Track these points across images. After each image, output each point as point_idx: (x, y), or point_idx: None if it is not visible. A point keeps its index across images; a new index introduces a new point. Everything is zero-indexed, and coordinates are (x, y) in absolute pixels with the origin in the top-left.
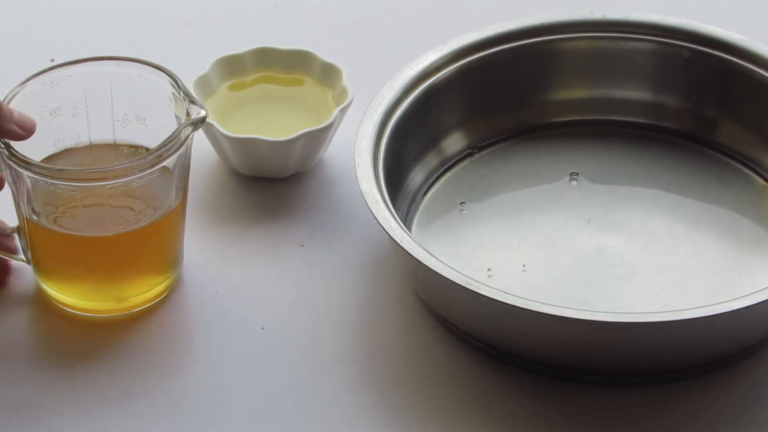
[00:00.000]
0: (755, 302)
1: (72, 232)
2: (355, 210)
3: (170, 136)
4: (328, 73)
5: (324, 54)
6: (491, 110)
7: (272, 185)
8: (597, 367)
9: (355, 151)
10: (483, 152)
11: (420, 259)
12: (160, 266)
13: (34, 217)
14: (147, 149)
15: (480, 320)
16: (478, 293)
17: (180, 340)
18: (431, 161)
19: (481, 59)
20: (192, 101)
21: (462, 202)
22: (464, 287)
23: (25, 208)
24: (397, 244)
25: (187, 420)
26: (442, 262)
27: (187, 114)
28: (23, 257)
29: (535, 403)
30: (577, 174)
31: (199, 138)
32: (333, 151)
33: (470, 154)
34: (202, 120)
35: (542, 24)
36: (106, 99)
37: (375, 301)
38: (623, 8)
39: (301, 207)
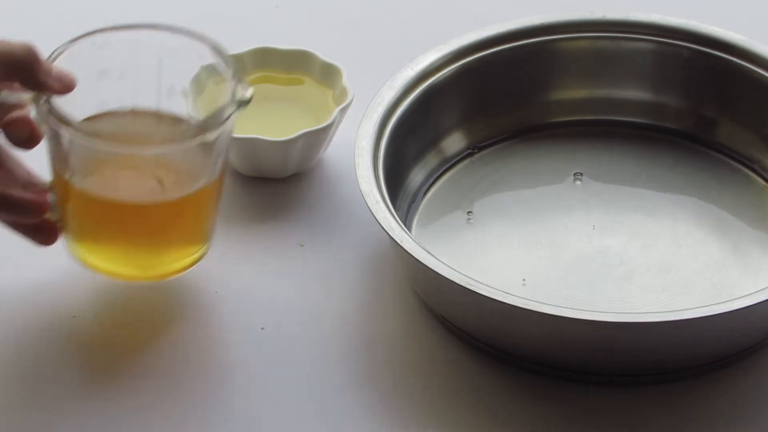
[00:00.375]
0: (755, 302)
1: (104, 196)
2: (355, 210)
3: (214, 112)
4: (328, 73)
5: (324, 54)
6: (491, 110)
7: (272, 185)
8: (597, 367)
9: (355, 151)
10: (483, 152)
11: (420, 259)
12: (189, 239)
13: (68, 177)
14: (189, 123)
15: (480, 320)
16: (478, 293)
17: (180, 340)
18: (431, 161)
19: (481, 59)
20: (239, 80)
21: (469, 211)
22: (464, 287)
23: (59, 167)
24: (397, 244)
25: (186, 420)
26: (442, 262)
27: (234, 94)
28: (53, 214)
29: (535, 403)
30: (582, 174)
31: None
32: (333, 151)
33: (470, 154)
34: (248, 101)
35: (542, 24)
36: (155, 68)
37: (375, 301)
38: (623, 8)
39: (301, 207)
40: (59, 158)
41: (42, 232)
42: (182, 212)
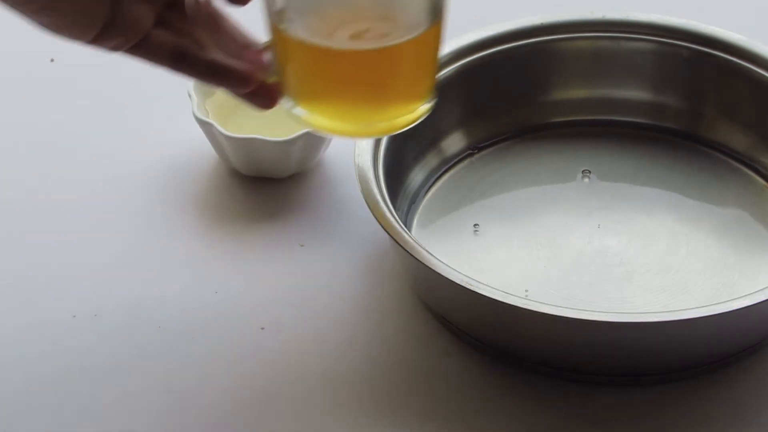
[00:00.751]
0: (755, 302)
1: (323, 45)
2: (355, 210)
3: None
4: None
5: None
6: (491, 110)
7: (272, 185)
8: (597, 367)
9: (355, 151)
10: (483, 152)
11: (420, 259)
12: (412, 91)
13: (285, 29)
14: None
15: (480, 320)
16: (478, 293)
17: (180, 340)
18: (431, 161)
19: (481, 59)
20: None
21: (476, 224)
22: (464, 287)
23: (275, 20)
24: (397, 244)
25: (186, 420)
26: (442, 262)
27: None
28: (272, 76)
29: (535, 402)
30: (590, 171)
31: (199, 138)
32: (333, 151)
33: (470, 155)
34: None
35: (542, 24)
36: None
37: (375, 301)
38: (623, 8)
39: (301, 207)
40: (274, 10)
41: (261, 95)
42: (402, 59)
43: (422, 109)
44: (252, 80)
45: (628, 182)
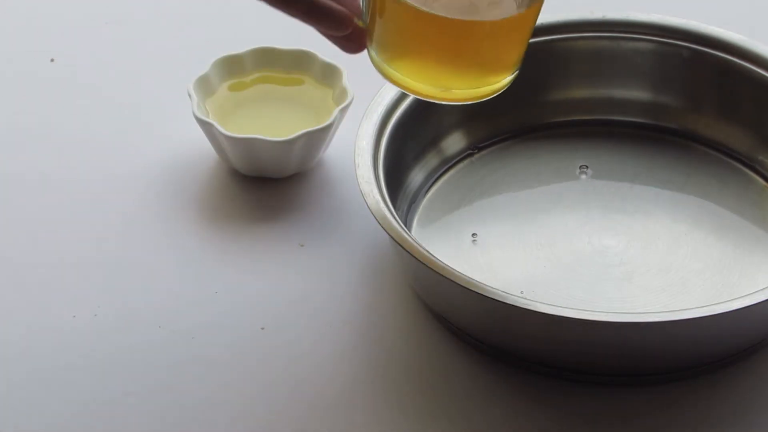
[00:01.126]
0: (755, 302)
1: (421, 9)
2: (355, 210)
3: None
4: (328, 73)
5: (324, 54)
6: (491, 110)
7: (272, 185)
8: (597, 367)
9: (355, 151)
10: (483, 152)
11: (420, 259)
12: (496, 65)
13: None
14: None
15: (480, 320)
16: (478, 293)
17: (180, 340)
18: (431, 161)
19: None
20: None
21: (474, 234)
22: (464, 287)
23: None
24: (397, 244)
25: (186, 420)
26: (442, 262)
27: None
28: (362, 20)
29: (535, 402)
30: (587, 167)
31: (199, 138)
32: (333, 151)
33: (470, 155)
34: None
35: (542, 24)
36: None
37: (375, 301)
38: (623, 8)
39: (301, 207)
40: None
41: (351, 39)
42: (496, 36)
43: (506, 80)
44: (350, 23)
45: (628, 182)
